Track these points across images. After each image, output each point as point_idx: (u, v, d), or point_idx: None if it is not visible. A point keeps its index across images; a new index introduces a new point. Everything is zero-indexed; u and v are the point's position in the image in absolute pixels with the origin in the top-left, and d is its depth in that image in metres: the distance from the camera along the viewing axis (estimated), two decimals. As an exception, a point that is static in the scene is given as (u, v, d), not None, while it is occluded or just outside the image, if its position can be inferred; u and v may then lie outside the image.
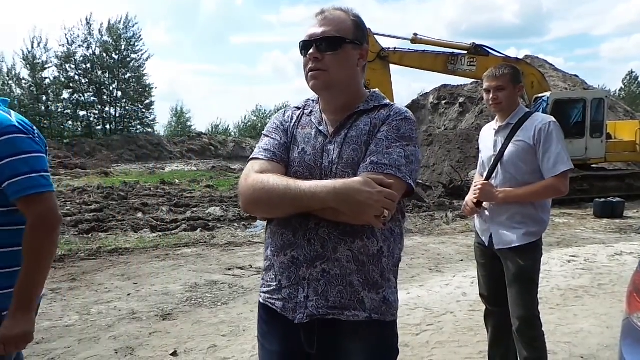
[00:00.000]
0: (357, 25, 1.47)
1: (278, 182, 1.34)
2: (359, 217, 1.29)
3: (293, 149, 1.47)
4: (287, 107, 1.64)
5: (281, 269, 1.42)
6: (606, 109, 12.82)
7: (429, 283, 5.29)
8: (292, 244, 1.40)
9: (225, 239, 7.79)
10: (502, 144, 2.69)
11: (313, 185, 1.31)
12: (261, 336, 1.53)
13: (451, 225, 9.02)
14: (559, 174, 2.52)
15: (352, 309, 1.37)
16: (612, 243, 7.31)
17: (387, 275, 1.43)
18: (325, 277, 1.37)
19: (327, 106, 1.51)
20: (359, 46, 1.47)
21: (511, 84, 2.66)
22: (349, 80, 1.47)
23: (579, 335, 3.80)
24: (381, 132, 1.41)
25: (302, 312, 1.37)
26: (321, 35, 1.42)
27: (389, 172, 1.34)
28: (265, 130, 1.56)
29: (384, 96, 1.54)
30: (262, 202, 1.37)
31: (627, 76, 53.02)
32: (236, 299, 4.81)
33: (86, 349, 3.60)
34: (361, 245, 1.38)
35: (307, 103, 1.58)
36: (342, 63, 1.43)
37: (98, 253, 6.76)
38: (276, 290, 1.44)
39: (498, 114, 2.75)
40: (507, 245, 2.62)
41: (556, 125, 2.64)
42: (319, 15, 1.47)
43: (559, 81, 22.00)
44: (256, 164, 1.44)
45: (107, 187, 13.31)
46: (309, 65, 1.44)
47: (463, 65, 12.50)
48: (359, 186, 1.27)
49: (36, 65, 32.32)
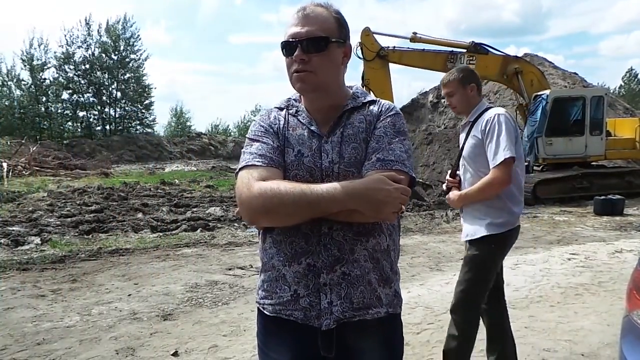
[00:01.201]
0: (340, 23, 1.43)
1: (290, 187, 1.29)
2: (378, 215, 1.30)
3: (288, 152, 1.42)
4: (268, 109, 1.56)
5: (296, 278, 1.37)
6: (606, 107, 12.81)
7: (429, 282, 5.29)
8: (306, 252, 1.36)
9: (225, 239, 7.79)
10: (463, 140, 2.78)
11: (331, 188, 1.28)
12: (264, 346, 1.49)
13: (451, 224, 9.02)
14: (497, 165, 2.53)
15: (374, 307, 1.39)
16: (612, 240, 7.31)
17: (395, 268, 1.47)
18: (346, 279, 1.36)
19: (312, 106, 1.47)
20: (342, 44, 1.43)
21: (460, 86, 2.75)
22: (334, 80, 1.45)
23: (580, 333, 3.80)
24: (378, 129, 1.41)
25: (329, 318, 1.35)
26: (306, 35, 1.37)
27: (397, 168, 1.35)
28: (252, 134, 1.47)
29: (365, 92, 1.54)
30: (275, 210, 1.30)
31: (626, 73, 53.14)
32: (237, 299, 4.81)
33: (87, 350, 3.60)
34: (375, 243, 1.39)
35: (290, 103, 1.52)
36: (329, 64, 1.40)
37: (98, 254, 6.76)
38: (292, 301, 1.38)
39: (459, 115, 2.87)
40: (468, 237, 2.69)
41: (503, 117, 2.62)
42: (300, 12, 1.41)
43: (559, 79, 21.98)
44: (255, 172, 1.36)
45: (107, 188, 13.30)
46: (293, 67, 1.39)
47: (462, 63, 12.47)
48: (377, 185, 1.27)
49: (36, 66, 32.29)
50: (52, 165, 19.49)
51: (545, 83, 13.26)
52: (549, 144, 12.21)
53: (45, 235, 7.87)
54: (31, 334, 3.91)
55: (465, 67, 2.88)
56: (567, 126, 12.43)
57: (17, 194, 12.22)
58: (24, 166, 17.92)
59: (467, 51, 12.43)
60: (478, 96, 2.78)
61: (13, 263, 6.17)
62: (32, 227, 8.36)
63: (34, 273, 5.77)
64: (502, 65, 12.73)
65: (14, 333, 3.92)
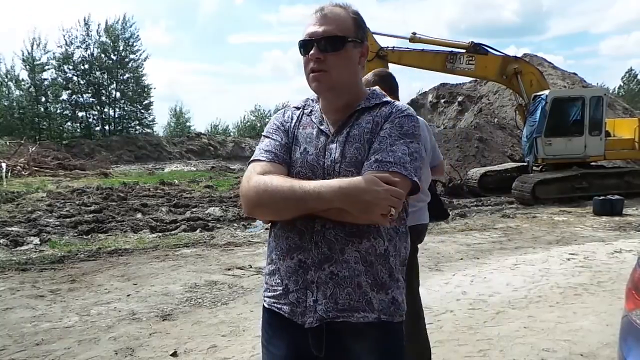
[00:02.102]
0: (358, 23, 1.45)
1: (281, 183, 1.32)
2: (366, 216, 1.27)
3: (295, 150, 1.45)
4: (286, 107, 1.60)
5: (287, 272, 1.39)
6: (605, 107, 12.82)
7: (428, 282, 5.29)
8: (299, 248, 1.38)
9: (224, 239, 7.78)
10: None
11: (318, 186, 1.29)
12: (265, 341, 1.50)
13: (450, 224, 9.02)
14: None
15: (361, 311, 1.36)
16: (611, 240, 7.31)
17: (395, 275, 1.42)
18: (333, 279, 1.35)
19: (328, 106, 1.48)
20: (360, 44, 1.44)
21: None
22: (351, 80, 1.45)
23: (579, 333, 3.80)
24: (384, 130, 1.40)
25: (312, 316, 1.35)
26: (322, 34, 1.39)
27: (394, 170, 1.32)
28: (265, 131, 1.53)
29: (384, 93, 1.53)
30: (266, 204, 1.34)
31: (626, 74, 53.08)
32: (236, 299, 4.81)
33: (86, 350, 3.59)
34: (368, 246, 1.36)
35: (307, 102, 1.55)
36: (345, 63, 1.41)
37: (97, 254, 6.76)
38: (283, 295, 1.40)
39: None
40: None
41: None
42: (318, 12, 1.43)
43: (558, 79, 22.03)
44: (258, 166, 1.42)
45: (106, 188, 13.31)
46: (310, 66, 1.41)
47: (462, 63, 12.50)
48: (365, 185, 1.25)
49: (35, 67, 32.28)
50: (51, 166, 19.48)
51: (544, 83, 13.27)
52: (548, 144, 12.21)
53: (44, 235, 7.87)
54: (30, 334, 3.90)
55: (381, 71, 2.98)
56: (567, 126, 12.43)
57: (16, 194, 12.21)
58: (23, 166, 17.91)
59: (466, 51, 12.45)
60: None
61: (12, 263, 6.17)
62: (31, 228, 8.36)
63: (33, 273, 5.77)
64: (502, 65, 12.74)
65: (13, 333, 3.91)
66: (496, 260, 6.25)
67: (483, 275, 5.48)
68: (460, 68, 12.58)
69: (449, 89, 24.65)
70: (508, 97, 20.44)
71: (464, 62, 12.47)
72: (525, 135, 12.96)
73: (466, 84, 24.36)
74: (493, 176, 13.97)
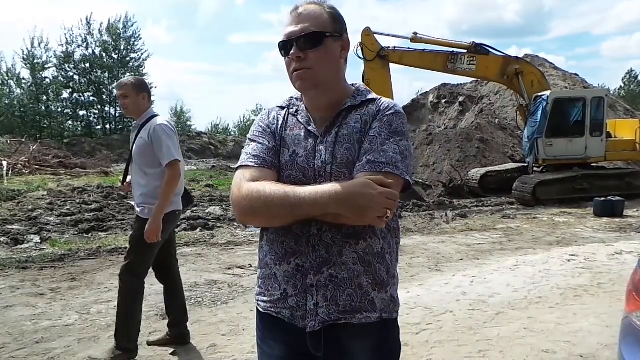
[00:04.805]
0: (334, 17, 1.43)
1: (275, 190, 1.30)
2: (362, 219, 1.27)
3: (283, 152, 1.43)
4: (270, 108, 1.56)
5: (286, 277, 1.38)
6: (606, 108, 12.81)
7: (428, 282, 5.29)
8: (296, 252, 1.37)
9: (225, 238, 7.79)
10: (133, 140, 3.50)
11: (313, 192, 1.27)
12: (260, 341, 1.51)
13: (451, 225, 9.01)
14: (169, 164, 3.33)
15: (364, 311, 1.36)
16: (611, 242, 7.31)
17: (392, 272, 1.43)
18: (333, 282, 1.35)
19: (313, 104, 1.46)
20: (339, 38, 1.42)
21: (133, 92, 3.34)
22: (334, 76, 1.44)
23: (579, 334, 3.80)
24: (373, 129, 1.38)
25: (314, 320, 1.35)
26: (300, 32, 1.37)
27: (387, 171, 1.31)
28: (250, 134, 1.49)
29: (368, 89, 1.51)
30: (260, 212, 1.32)
31: (627, 75, 53.02)
32: (236, 298, 4.81)
33: (86, 349, 3.59)
34: (365, 246, 1.36)
35: (291, 102, 1.52)
36: (326, 59, 1.39)
37: (98, 252, 6.75)
38: (281, 300, 1.39)
39: (130, 116, 3.54)
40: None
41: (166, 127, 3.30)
42: (293, 12, 1.41)
43: (559, 80, 22.00)
44: (247, 172, 1.39)
45: (107, 187, 13.31)
46: (292, 66, 1.39)
47: (463, 64, 12.49)
48: (360, 189, 1.24)
49: (36, 65, 32.27)
50: (52, 164, 19.48)
51: (545, 84, 13.25)
52: (549, 145, 12.20)
53: (44, 233, 7.87)
54: (30, 332, 3.90)
55: (140, 78, 3.52)
56: (568, 127, 12.42)
57: (17, 192, 12.21)
58: (24, 165, 17.92)
59: (467, 52, 12.43)
60: (148, 103, 3.43)
61: (12, 261, 6.17)
62: (31, 226, 8.37)
63: (33, 271, 5.77)
64: (503, 66, 12.72)
65: (13, 331, 3.92)
66: (496, 261, 6.25)
67: (483, 276, 5.48)
68: (461, 68, 12.57)
69: (450, 89, 24.61)
70: (509, 98, 20.42)
71: (465, 62, 12.46)
72: (526, 135, 12.94)
73: (467, 84, 24.33)
74: (494, 177, 13.96)
